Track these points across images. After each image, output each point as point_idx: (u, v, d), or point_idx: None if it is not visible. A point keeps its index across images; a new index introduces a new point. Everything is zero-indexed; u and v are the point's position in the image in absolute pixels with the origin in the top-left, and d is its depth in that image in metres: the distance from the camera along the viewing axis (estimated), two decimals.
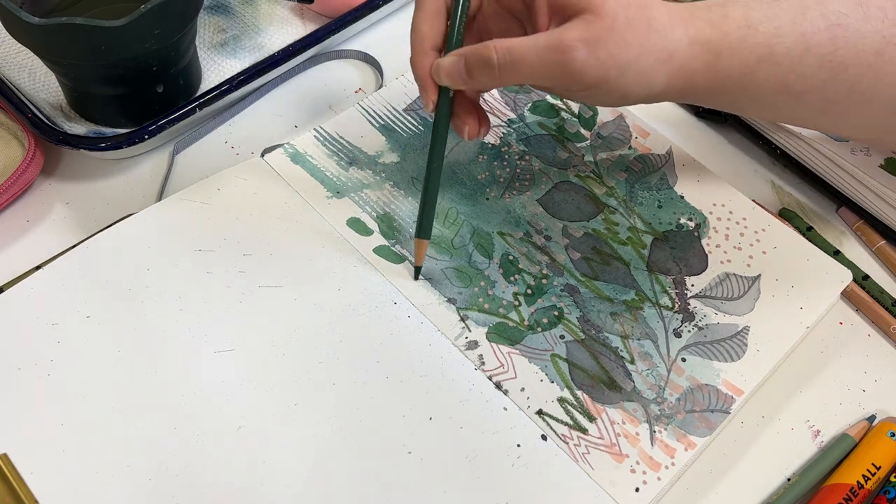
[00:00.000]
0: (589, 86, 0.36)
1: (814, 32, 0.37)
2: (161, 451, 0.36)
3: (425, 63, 0.38)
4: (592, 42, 0.35)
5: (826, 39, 0.37)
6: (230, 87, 0.48)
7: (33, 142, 0.46)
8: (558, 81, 0.37)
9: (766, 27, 0.37)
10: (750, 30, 0.37)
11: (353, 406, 0.38)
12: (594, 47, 0.35)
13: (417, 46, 0.39)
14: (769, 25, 0.37)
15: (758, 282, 0.43)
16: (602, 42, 0.35)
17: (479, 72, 0.37)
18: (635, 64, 0.36)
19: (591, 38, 0.35)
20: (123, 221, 0.43)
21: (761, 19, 0.37)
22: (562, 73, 0.36)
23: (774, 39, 0.37)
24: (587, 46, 0.35)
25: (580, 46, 0.35)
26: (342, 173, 0.46)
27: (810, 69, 0.37)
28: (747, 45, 0.37)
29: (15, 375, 0.37)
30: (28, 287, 0.40)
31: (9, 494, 0.34)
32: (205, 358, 0.39)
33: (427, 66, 0.38)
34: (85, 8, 0.47)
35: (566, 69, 0.35)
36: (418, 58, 0.39)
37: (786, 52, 0.37)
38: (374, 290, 0.41)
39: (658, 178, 0.47)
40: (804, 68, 0.37)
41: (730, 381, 0.39)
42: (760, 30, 0.37)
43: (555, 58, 0.35)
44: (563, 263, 0.43)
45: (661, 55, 0.36)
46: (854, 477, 0.37)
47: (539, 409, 0.38)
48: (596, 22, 0.35)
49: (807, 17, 0.37)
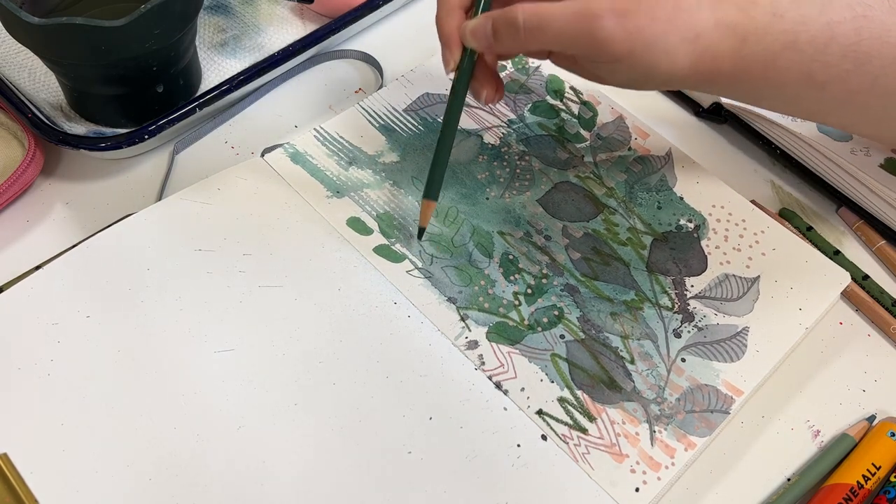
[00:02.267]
0: (614, 58, 0.36)
1: (839, 22, 0.37)
2: (161, 451, 0.36)
3: (451, 22, 0.38)
4: (621, 12, 0.35)
5: (851, 30, 0.37)
6: (230, 87, 0.48)
7: (33, 142, 0.46)
8: (583, 50, 0.37)
9: (793, 14, 0.37)
10: (776, 16, 0.37)
11: (352, 406, 0.38)
12: (623, 18, 0.35)
13: (444, 4, 0.39)
14: (795, 13, 0.37)
15: (757, 283, 0.43)
16: (631, 13, 0.35)
17: (505, 34, 0.37)
18: (662, 40, 0.36)
19: (620, 9, 0.35)
20: (123, 221, 0.43)
21: (788, 7, 0.37)
22: (588, 42, 0.36)
23: (800, 27, 0.37)
24: (616, 16, 0.35)
25: (609, 15, 0.35)
26: (342, 173, 0.46)
27: (834, 58, 0.37)
28: (773, 32, 0.37)
29: (15, 375, 0.37)
30: (28, 287, 0.40)
31: (9, 494, 0.34)
32: (205, 358, 0.39)
33: (453, 25, 0.38)
34: (85, 8, 0.47)
35: (593, 37, 0.35)
36: (445, 15, 0.39)
37: (810, 41, 0.37)
38: (374, 289, 0.41)
39: (658, 179, 0.47)
40: (828, 57, 0.37)
41: (729, 381, 0.39)
42: (786, 17, 0.37)
43: (582, 25, 0.35)
44: (563, 263, 0.43)
45: (688, 34, 0.36)
46: (854, 477, 0.37)
47: (539, 409, 0.38)
48: None
49: (833, 7, 0.37)
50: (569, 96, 0.51)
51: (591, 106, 0.50)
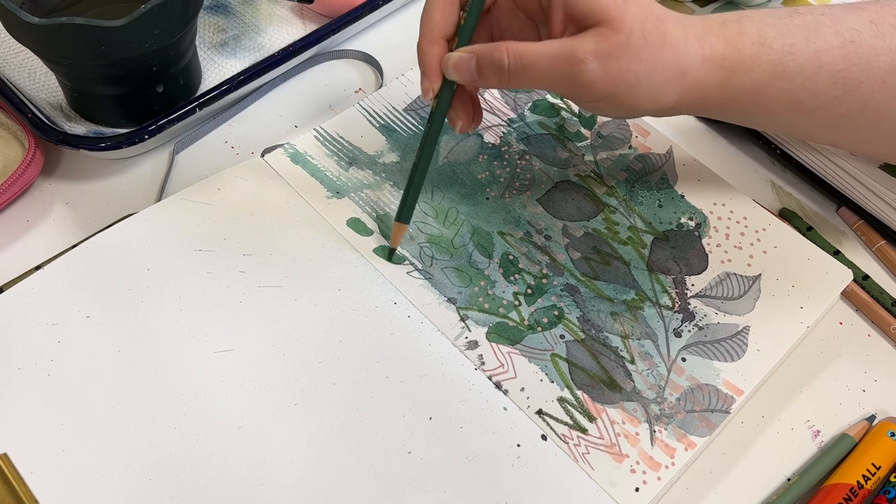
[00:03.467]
0: (597, 99, 0.36)
1: (827, 49, 0.37)
2: (161, 451, 0.36)
3: (433, 51, 0.38)
4: (605, 56, 0.34)
5: (839, 56, 0.37)
6: (230, 87, 0.48)
7: (33, 142, 0.46)
8: (566, 91, 0.37)
9: (780, 44, 0.37)
10: (763, 46, 0.37)
11: (353, 406, 0.38)
12: (606, 62, 0.35)
13: (427, 34, 0.38)
14: (783, 42, 0.37)
15: (758, 281, 0.43)
16: (614, 57, 0.35)
17: (489, 73, 0.37)
18: (647, 80, 0.36)
19: (603, 52, 0.34)
20: (123, 221, 0.43)
21: (775, 36, 0.37)
22: (571, 84, 0.36)
23: (788, 56, 0.37)
24: (599, 60, 0.34)
25: (592, 59, 0.34)
26: (342, 173, 0.46)
27: (823, 86, 0.37)
28: (761, 63, 0.37)
29: (15, 375, 0.37)
30: (28, 287, 0.40)
31: (9, 494, 0.34)
32: (205, 358, 0.39)
33: (434, 55, 0.38)
34: (85, 8, 0.47)
35: (575, 80, 0.35)
36: (427, 45, 0.38)
37: (798, 69, 0.37)
38: (374, 290, 0.41)
39: (658, 177, 0.47)
40: (817, 85, 0.37)
41: (730, 380, 0.39)
42: (774, 47, 0.37)
43: (565, 68, 0.35)
44: (563, 263, 0.43)
45: (673, 72, 0.36)
46: (854, 477, 0.37)
47: (539, 409, 0.38)
48: (611, 36, 0.34)
49: (820, 34, 0.37)
50: None
51: None
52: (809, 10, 0.38)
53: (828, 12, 0.38)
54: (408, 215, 0.42)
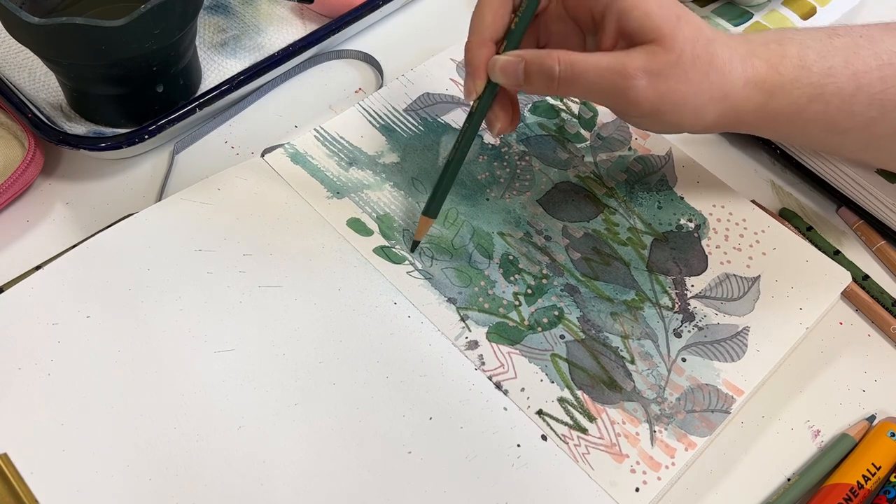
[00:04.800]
0: (642, 115, 0.37)
1: (865, 72, 0.37)
2: (161, 451, 0.36)
3: (481, 53, 0.38)
4: (655, 74, 0.35)
5: (877, 79, 0.37)
6: (230, 87, 0.48)
7: (33, 142, 0.46)
8: (613, 104, 0.37)
9: (820, 67, 0.37)
10: (804, 70, 0.37)
11: (353, 406, 0.38)
12: (655, 79, 0.35)
13: (477, 35, 0.38)
14: (822, 65, 0.37)
15: (758, 282, 0.43)
16: (664, 76, 0.35)
17: (537, 80, 0.37)
18: (692, 101, 0.36)
19: (654, 70, 0.35)
20: (123, 221, 0.43)
21: (815, 59, 0.37)
22: (618, 98, 0.36)
23: (827, 79, 0.37)
24: (649, 77, 0.35)
25: (642, 76, 0.35)
26: (342, 173, 0.46)
27: (860, 107, 0.38)
28: (800, 86, 0.37)
29: (15, 375, 0.37)
30: (28, 287, 0.40)
31: (9, 494, 0.34)
32: (205, 358, 0.39)
33: (482, 56, 0.38)
34: (85, 8, 0.47)
35: (623, 95, 0.35)
36: (476, 46, 0.38)
37: (836, 92, 0.37)
38: (374, 290, 0.41)
39: (658, 178, 0.47)
40: (854, 107, 0.38)
41: (730, 381, 0.39)
42: (814, 70, 0.37)
43: (615, 81, 0.35)
44: (563, 263, 0.43)
45: (716, 94, 0.36)
46: (854, 477, 0.37)
47: (539, 409, 0.38)
48: (662, 55, 0.35)
49: (859, 56, 0.37)
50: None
51: (591, 106, 0.50)
52: (848, 30, 0.39)
53: (866, 34, 0.38)
54: (436, 210, 0.42)
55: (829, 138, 0.40)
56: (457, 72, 0.51)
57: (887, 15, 0.44)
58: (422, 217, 0.42)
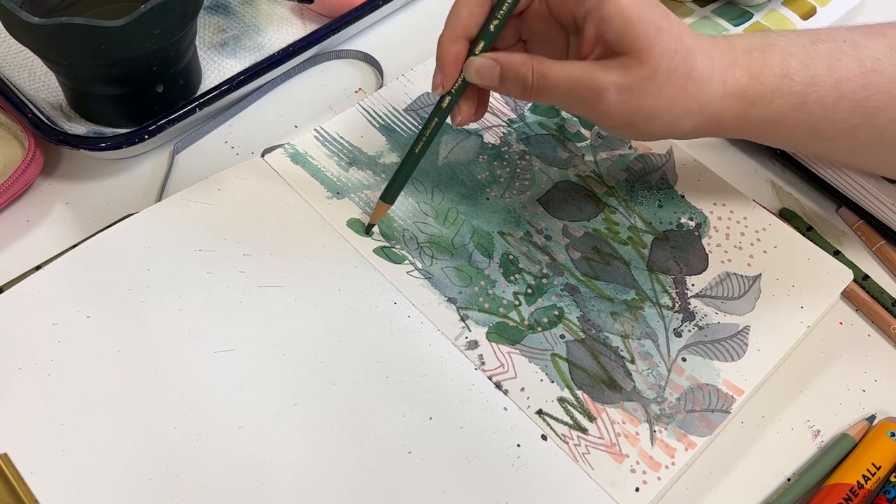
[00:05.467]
0: (613, 127, 0.37)
1: (848, 79, 0.37)
2: (161, 451, 0.36)
3: (453, 49, 0.38)
4: (626, 89, 0.35)
5: (860, 86, 0.37)
6: (230, 87, 0.48)
7: (33, 142, 0.46)
8: (584, 115, 0.37)
9: (802, 76, 0.37)
10: (786, 79, 0.37)
11: (353, 406, 0.38)
12: (627, 94, 0.35)
13: (450, 31, 0.38)
14: (805, 74, 0.37)
15: (758, 281, 0.43)
16: (636, 91, 0.35)
17: (511, 85, 0.37)
18: (664, 114, 0.36)
19: (625, 85, 0.35)
20: (123, 221, 0.43)
21: (798, 68, 0.37)
22: (589, 110, 0.36)
23: (809, 88, 0.37)
24: (619, 92, 0.35)
25: (612, 91, 0.35)
26: (342, 174, 0.46)
27: (843, 114, 0.37)
28: (782, 95, 0.37)
29: (15, 375, 0.37)
30: (28, 287, 0.40)
31: (9, 494, 0.34)
32: (205, 358, 0.39)
33: (453, 53, 0.38)
34: (85, 8, 0.47)
35: (593, 108, 0.36)
36: (448, 42, 0.38)
37: (819, 101, 0.37)
38: (374, 290, 0.41)
39: (658, 177, 0.47)
40: (836, 114, 0.37)
41: (730, 380, 0.39)
42: (796, 79, 0.37)
43: (585, 94, 0.35)
44: (563, 263, 0.43)
45: (692, 106, 0.36)
46: (854, 477, 0.37)
47: (539, 409, 0.38)
48: (636, 69, 0.34)
49: (842, 64, 0.37)
50: None
51: None
52: (831, 35, 0.38)
53: (850, 38, 0.38)
54: (393, 196, 0.42)
55: (813, 144, 0.40)
56: None
57: (887, 15, 0.43)
58: (378, 202, 0.43)
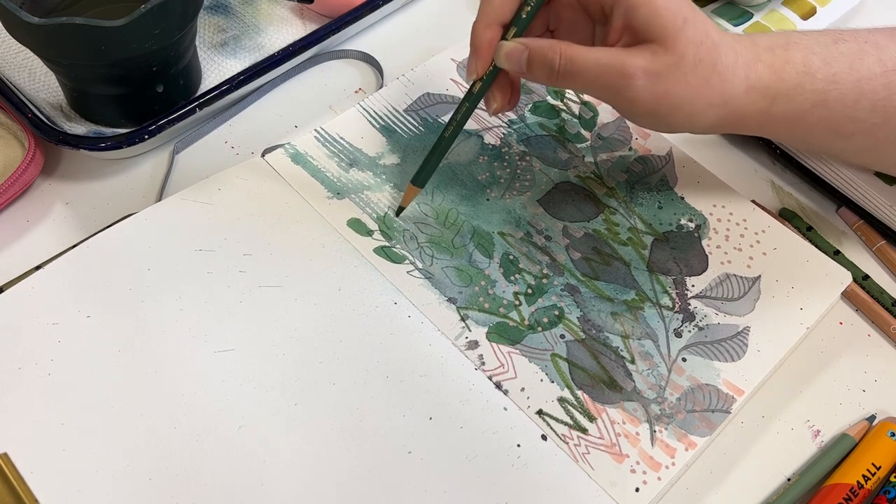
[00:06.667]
0: (638, 114, 0.37)
1: (869, 78, 0.37)
2: (161, 451, 0.36)
3: (486, 35, 0.38)
4: (653, 75, 0.35)
5: (881, 85, 0.37)
6: (230, 87, 0.48)
7: (33, 142, 0.46)
8: (611, 101, 0.38)
9: (824, 73, 0.37)
10: (808, 76, 0.37)
11: (353, 406, 0.38)
12: (654, 80, 0.35)
13: (485, 17, 0.39)
14: (826, 72, 0.37)
15: (758, 282, 0.43)
16: (663, 77, 0.35)
17: (538, 70, 0.37)
18: (688, 105, 0.36)
19: (653, 71, 0.35)
20: (123, 221, 0.43)
21: (820, 65, 0.37)
22: (616, 96, 0.36)
23: (830, 86, 0.37)
24: (647, 78, 0.35)
25: (640, 76, 0.35)
26: (343, 174, 0.46)
27: (863, 113, 0.38)
28: (803, 92, 0.37)
29: (15, 375, 0.37)
30: (28, 287, 0.40)
31: (9, 494, 0.34)
32: (205, 358, 0.39)
33: (487, 39, 0.38)
34: (85, 8, 0.47)
35: (620, 93, 0.36)
36: (482, 28, 0.39)
37: (840, 98, 0.37)
38: (374, 290, 0.41)
39: (658, 178, 0.47)
40: (857, 113, 0.38)
41: (730, 380, 0.39)
42: (818, 76, 0.37)
43: (613, 79, 0.35)
44: (563, 263, 0.43)
45: (716, 100, 0.36)
46: (854, 477, 0.37)
47: (539, 409, 0.38)
48: (663, 56, 0.35)
49: (864, 63, 0.37)
50: (569, 96, 0.51)
51: (591, 106, 0.50)
52: (853, 36, 0.39)
53: (871, 39, 0.38)
54: (424, 180, 0.43)
55: (832, 142, 0.40)
56: (457, 72, 0.51)
57: (887, 15, 0.44)
58: (409, 185, 0.43)
